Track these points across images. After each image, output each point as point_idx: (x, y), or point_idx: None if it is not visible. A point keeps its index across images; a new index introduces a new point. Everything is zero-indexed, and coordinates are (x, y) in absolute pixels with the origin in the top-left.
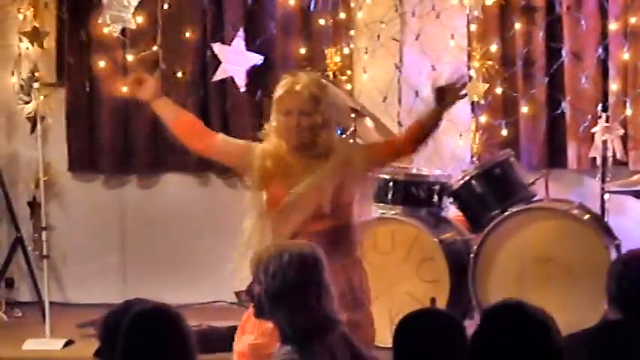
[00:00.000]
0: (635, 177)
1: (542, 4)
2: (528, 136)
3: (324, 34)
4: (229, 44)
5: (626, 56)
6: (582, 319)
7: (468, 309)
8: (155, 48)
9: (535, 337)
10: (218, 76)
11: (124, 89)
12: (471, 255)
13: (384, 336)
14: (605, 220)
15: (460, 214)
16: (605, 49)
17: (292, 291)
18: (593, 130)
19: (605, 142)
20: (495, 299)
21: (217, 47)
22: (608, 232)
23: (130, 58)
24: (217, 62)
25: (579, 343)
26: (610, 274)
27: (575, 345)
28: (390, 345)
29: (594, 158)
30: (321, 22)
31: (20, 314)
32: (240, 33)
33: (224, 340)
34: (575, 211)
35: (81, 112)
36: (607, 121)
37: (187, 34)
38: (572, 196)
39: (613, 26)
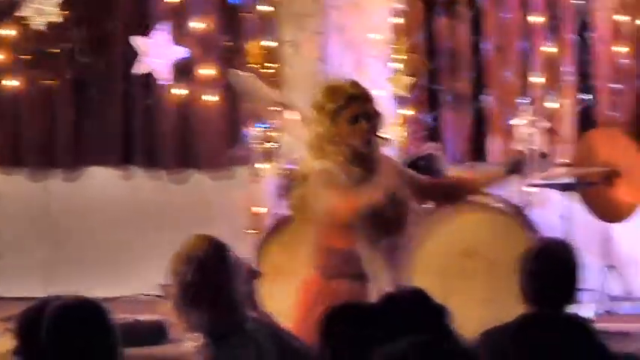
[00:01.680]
0: (558, 170)
1: None
2: (452, 129)
3: (248, 27)
4: (152, 37)
5: (548, 49)
6: (506, 312)
7: None
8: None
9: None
10: (140, 69)
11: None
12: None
13: None
14: (529, 213)
15: None
16: (528, 42)
17: (200, 290)
18: (516, 123)
19: (527, 135)
20: None
21: (140, 41)
22: (531, 225)
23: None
24: (140, 56)
25: (499, 337)
26: (522, 270)
27: (494, 339)
28: None
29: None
30: (246, 15)
31: None
32: (164, 26)
33: (149, 333)
34: (499, 205)
35: (4, 107)
36: (530, 114)
37: (110, 27)
38: (496, 190)
39: (535, 19)
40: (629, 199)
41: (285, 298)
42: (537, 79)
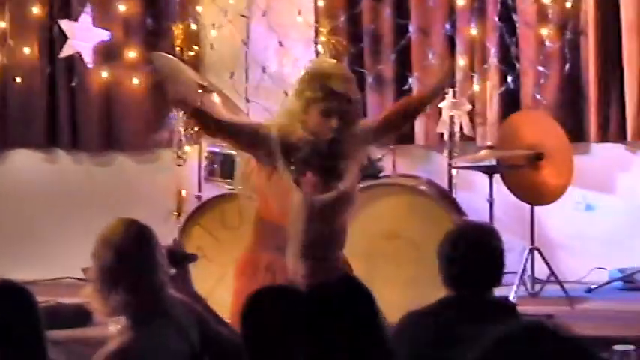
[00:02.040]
0: (482, 152)
1: None
2: (376, 112)
3: (170, 9)
4: (76, 20)
5: (472, 32)
6: (430, 294)
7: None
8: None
9: (362, 308)
10: (65, 52)
11: None
12: None
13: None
14: (453, 195)
15: None
16: (452, 25)
17: (120, 274)
18: (440, 106)
19: (452, 118)
20: None
21: (64, 23)
22: (455, 207)
23: None
24: (65, 38)
25: (420, 319)
26: (441, 254)
27: (416, 321)
28: None
29: (442, 134)
30: None
31: None
32: (87, 9)
33: (72, 316)
34: (423, 187)
35: None
36: (454, 97)
37: (35, 11)
38: (419, 172)
39: (459, 2)
40: (554, 181)
41: (208, 280)
42: (460, 61)
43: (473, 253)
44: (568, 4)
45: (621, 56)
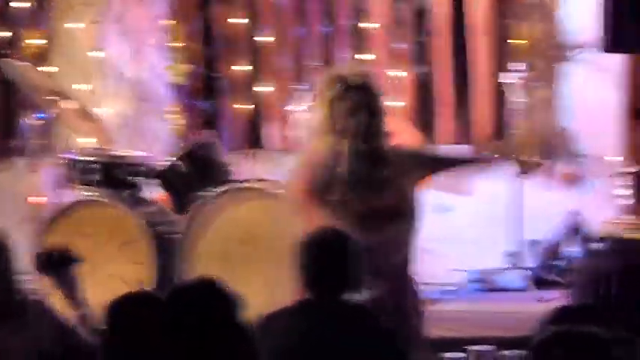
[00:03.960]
0: None
1: None
2: (231, 116)
3: (24, 16)
4: None
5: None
6: (289, 297)
7: None
8: None
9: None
10: None
11: None
12: (177, 235)
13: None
14: None
15: (165, 194)
16: (304, 28)
17: None
18: (293, 110)
19: (305, 122)
20: None
21: None
22: None
23: None
24: None
25: (276, 322)
26: (295, 258)
27: (272, 323)
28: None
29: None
30: (22, 4)
31: None
32: None
33: None
34: (279, 191)
35: None
36: (307, 101)
37: None
38: (276, 176)
39: (311, 5)
40: None
41: None
42: (314, 64)
43: (327, 257)
44: (418, 7)
45: (469, 58)
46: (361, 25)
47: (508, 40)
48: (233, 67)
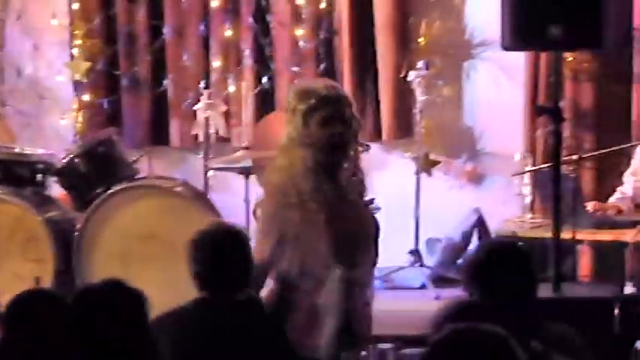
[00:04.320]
0: (238, 153)
1: None
2: (131, 114)
3: None
4: None
5: (227, 33)
6: (187, 295)
7: (74, 288)
8: None
9: (132, 313)
10: None
11: None
12: (76, 234)
13: None
14: (209, 196)
15: (65, 192)
16: (207, 25)
17: None
18: (195, 107)
19: (207, 119)
20: (100, 278)
21: None
22: (211, 208)
23: None
24: None
25: (171, 320)
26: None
27: (169, 322)
28: None
29: (197, 135)
30: None
31: None
32: None
33: None
34: (179, 189)
35: None
36: (209, 98)
37: None
38: (176, 174)
39: (214, 3)
40: None
41: None
42: (215, 62)
43: (218, 254)
44: (322, 5)
45: (375, 56)
46: (265, 22)
47: (410, 39)
48: (135, 65)
